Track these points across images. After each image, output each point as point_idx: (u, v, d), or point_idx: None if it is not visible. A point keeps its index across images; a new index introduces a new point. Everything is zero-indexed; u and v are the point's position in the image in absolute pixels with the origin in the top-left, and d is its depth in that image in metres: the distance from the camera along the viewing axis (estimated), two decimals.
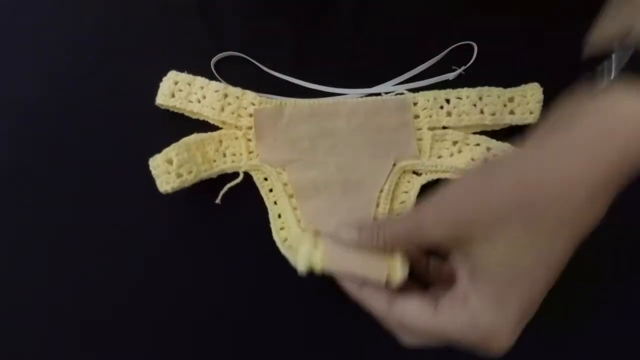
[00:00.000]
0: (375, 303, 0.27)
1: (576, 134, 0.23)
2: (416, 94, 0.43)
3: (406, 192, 0.42)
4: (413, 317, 0.25)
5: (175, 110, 0.43)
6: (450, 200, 0.25)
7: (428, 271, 0.29)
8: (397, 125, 0.42)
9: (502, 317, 0.22)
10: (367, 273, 0.29)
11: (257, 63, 0.45)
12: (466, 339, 0.23)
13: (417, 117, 0.43)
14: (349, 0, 0.45)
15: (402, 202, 0.42)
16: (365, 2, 0.45)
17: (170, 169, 0.39)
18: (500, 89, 0.41)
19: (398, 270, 0.28)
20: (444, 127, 0.42)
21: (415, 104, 0.43)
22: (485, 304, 0.23)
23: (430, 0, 0.45)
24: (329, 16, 0.45)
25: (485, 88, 0.42)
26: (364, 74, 0.44)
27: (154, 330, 0.42)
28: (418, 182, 0.42)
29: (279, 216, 0.42)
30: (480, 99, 0.42)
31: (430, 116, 0.42)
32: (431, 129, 0.42)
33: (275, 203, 0.42)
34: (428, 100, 0.42)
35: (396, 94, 0.43)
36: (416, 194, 0.41)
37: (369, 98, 0.43)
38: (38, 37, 0.47)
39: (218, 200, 0.42)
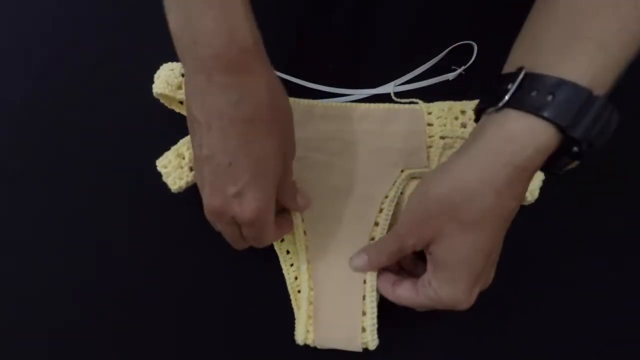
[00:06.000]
0: (384, 292, 0.38)
1: (480, 145, 0.30)
2: (431, 104, 0.42)
3: (403, 194, 0.41)
4: (406, 298, 0.36)
5: (174, 97, 0.41)
6: (409, 220, 0.35)
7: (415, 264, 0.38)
8: (409, 134, 0.42)
9: (456, 291, 0.33)
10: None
11: None
12: (439, 306, 0.34)
13: (430, 124, 0.42)
14: (349, 0, 0.45)
15: (399, 203, 0.41)
16: (365, 2, 0.45)
17: (182, 163, 0.40)
18: None
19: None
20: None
21: (429, 113, 0.42)
22: (442, 284, 0.33)
23: (430, 0, 0.45)
24: (329, 16, 0.45)
25: None
26: (364, 74, 0.44)
27: (156, 325, 0.43)
28: None
29: None
30: None
31: (445, 125, 0.42)
32: (443, 137, 0.42)
33: None
34: (443, 110, 0.42)
35: (409, 102, 0.43)
36: None
37: (382, 104, 0.42)
38: (37, 37, 0.47)
39: None
